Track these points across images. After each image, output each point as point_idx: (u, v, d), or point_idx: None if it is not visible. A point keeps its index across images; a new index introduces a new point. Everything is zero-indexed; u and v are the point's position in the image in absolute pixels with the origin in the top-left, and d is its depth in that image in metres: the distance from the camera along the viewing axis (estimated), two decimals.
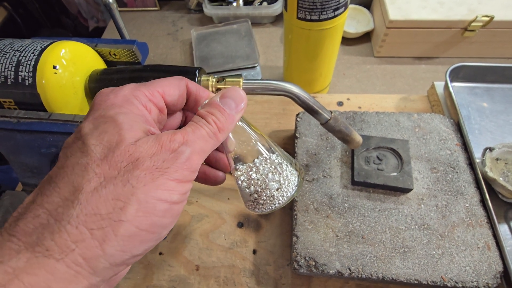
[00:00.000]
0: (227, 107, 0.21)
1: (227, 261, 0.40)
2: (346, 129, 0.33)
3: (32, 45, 0.30)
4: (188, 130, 0.19)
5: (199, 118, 0.20)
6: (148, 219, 0.16)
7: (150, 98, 0.20)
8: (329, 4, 0.39)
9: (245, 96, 0.21)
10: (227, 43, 0.64)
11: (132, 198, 0.16)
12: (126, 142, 0.17)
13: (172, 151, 0.17)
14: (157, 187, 0.16)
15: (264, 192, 0.23)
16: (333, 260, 0.34)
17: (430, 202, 0.37)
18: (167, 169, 0.17)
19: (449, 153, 0.40)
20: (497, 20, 0.52)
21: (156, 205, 0.16)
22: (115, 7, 0.40)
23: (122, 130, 0.17)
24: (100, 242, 0.15)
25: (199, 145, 0.18)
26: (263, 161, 0.24)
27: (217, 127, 0.20)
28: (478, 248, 0.34)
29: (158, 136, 0.18)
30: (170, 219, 0.18)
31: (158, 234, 0.18)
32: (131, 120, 0.18)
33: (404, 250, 0.34)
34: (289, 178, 0.24)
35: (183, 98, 0.23)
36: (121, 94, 0.19)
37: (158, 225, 0.17)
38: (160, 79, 0.22)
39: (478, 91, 0.48)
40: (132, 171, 0.16)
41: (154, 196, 0.16)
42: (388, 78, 0.59)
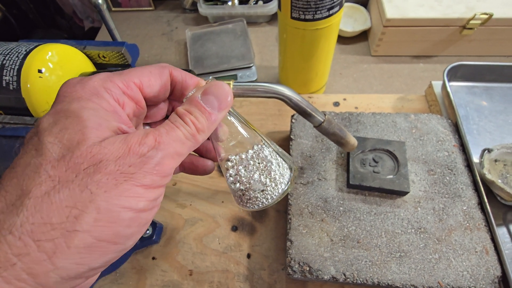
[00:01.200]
0: (209, 105, 0.18)
1: (221, 265, 0.40)
2: (340, 131, 0.33)
3: (17, 48, 0.29)
4: (162, 131, 0.17)
5: (176, 118, 0.18)
6: (109, 229, 0.15)
7: (124, 91, 0.18)
8: (323, 3, 0.38)
9: (230, 92, 0.19)
10: (222, 43, 0.63)
11: (90, 206, 0.14)
12: (89, 142, 0.15)
13: (141, 155, 0.16)
14: (120, 193, 0.15)
15: (248, 192, 0.22)
16: (327, 265, 0.33)
17: (427, 205, 0.36)
18: (133, 174, 0.15)
19: (446, 154, 0.39)
20: (496, 17, 0.51)
21: (120, 214, 0.15)
22: (105, 8, 0.39)
23: (86, 128, 0.16)
24: (49, 255, 0.14)
25: (174, 148, 0.17)
26: (252, 158, 0.23)
27: (196, 128, 0.18)
28: (476, 252, 0.33)
29: (128, 137, 0.16)
30: (136, 228, 0.16)
31: (122, 245, 0.16)
32: (98, 116, 0.16)
33: (400, 255, 0.33)
34: (277, 180, 0.23)
35: (166, 88, 0.21)
36: (90, 86, 0.17)
37: (122, 236, 0.15)
38: (139, 68, 0.20)
39: (477, 91, 0.47)
40: (93, 175, 0.15)
41: (117, 203, 0.15)
42: (385, 78, 0.59)
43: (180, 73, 0.21)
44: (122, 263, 0.40)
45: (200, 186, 0.46)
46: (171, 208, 0.44)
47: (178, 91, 0.22)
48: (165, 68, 0.20)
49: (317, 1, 0.38)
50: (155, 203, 0.17)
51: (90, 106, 0.17)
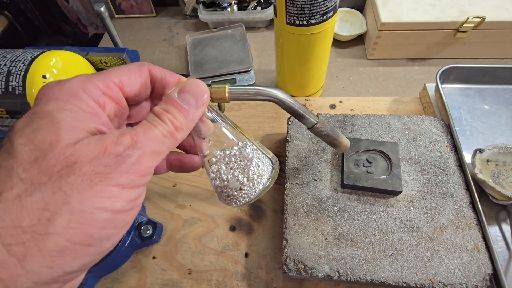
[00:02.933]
0: (186, 103, 0.18)
1: (219, 264, 0.40)
2: (333, 133, 0.34)
3: (23, 55, 0.30)
4: (138, 131, 0.17)
5: (153, 117, 0.18)
6: (83, 231, 0.14)
7: (104, 91, 0.18)
8: (317, 9, 0.39)
9: (206, 90, 0.19)
10: (221, 48, 0.65)
11: (63, 207, 0.14)
12: (62, 143, 0.15)
13: (117, 155, 0.15)
14: (95, 194, 0.14)
15: (226, 190, 0.23)
16: (322, 263, 0.34)
17: (419, 205, 0.37)
18: (109, 174, 0.15)
19: (439, 155, 0.40)
20: (488, 21, 0.52)
21: (94, 215, 0.14)
22: (107, 16, 0.41)
23: (60, 129, 0.15)
24: (19, 259, 0.13)
25: (151, 146, 0.16)
26: (234, 155, 0.23)
27: (174, 126, 0.18)
28: (467, 250, 0.34)
29: (102, 138, 0.16)
30: (112, 230, 0.16)
31: (98, 248, 0.15)
32: (74, 118, 0.16)
33: (393, 253, 0.34)
34: (255, 180, 0.23)
35: (146, 86, 0.21)
36: (67, 87, 0.17)
37: (96, 238, 0.15)
38: (118, 67, 0.19)
39: (470, 92, 0.48)
40: (67, 176, 0.14)
41: (92, 204, 0.14)
42: (381, 80, 0.60)
43: (159, 70, 0.21)
44: (123, 262, 0.41)
45: (200, 187, 0.47)
46: (171, 209, 0.45)
47: (159, 89, 0.21)
48: (143, 66, 0.20)
49: (311, 7, 0.39)
50: (134, 204, 0.17)
51: (68, 107, 0.16)
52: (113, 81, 0.19)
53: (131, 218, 0.17)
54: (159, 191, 0.47)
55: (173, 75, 0.22)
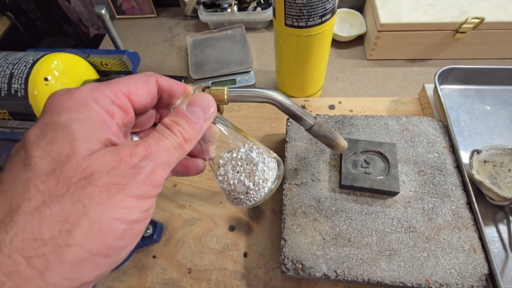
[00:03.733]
0: (194, 116, 0.19)
1: (219, 264, 0.41)
2: (330, 134, 0.34)
3: (25, 57, 0.31)
4: (151, 142, 0.17)
5: (164, 129, 0.18)
6: (102, 242, 0.15)
7: (113, 100, 0.18)
8: (315, 11, 0.40)
9: (213, 103, 0.20)
10: (221, 48, 0.65)
11: (83, 219, 0.14)
12: (79, 155, 0.15)
13: (133, 166, 0.16)
14: (113, 205, 0.15)
15: (233, 193, 0.24)
16: (319, 263, 0.34)
17: (416, 205, 0.37)
18: (126, 185, 0.15)
19: (436, 155, 0.40)
20: (488, 21, 0.52)
21: (113, 226, 0.15)
22: (107, 18, 0.41)
23: (75, 141, 0.15)
24: (40, 272, 0.13)
25: (163, 158, 0.17)
26: (241, 159, 0.24)
27: (183, 138, 0.18)
28: (464, 251, 0.34)
29: (118, 149, 0.16)
30: (128, 240, 0.16)
31: (115, 258, 0.16)
32: (87, 128, 0.16)
33: (390, 253, 0.34)
34: (260, 185, 0.24)
35: (153, 95, 0.21)
36: (77, 96, 0.17)
37: (114, 248, 0.15)
38: (126, 77, 0.20)
39: (469, 93, 0.48)
40: (85, 188, 0.14)
41: (110, 215, 0.15)
42: (380, 81, 0.60)
43: (167, 80, 0.21)
44: (124, 261, 0.42)
45: (200, 188, 0.48)
46: (171, 209, 0.46)
47: (166, 98, 0.22)
48: (151, 77, 0.21)
49: (310, 9, 0.39)
50: (147, 214, 0.17)
51: (79, 117, 0.16)
52: (121, 90, 0.19)
53: (144, 228, 0.17)
54: (160, 191, 0.48)
55: (179, 84, 0.22)
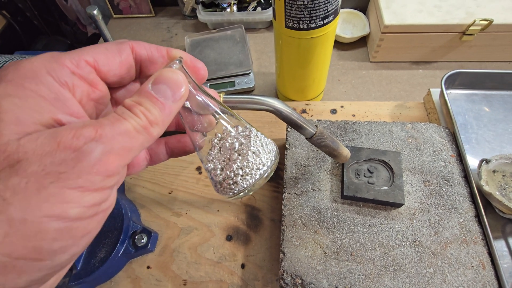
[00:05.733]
0: (161, 95, 0.16)
1: (215, 275, 0.39)
2: (332, 143, 0.32)
3: (10, 61, 0.29)
4: (104, 123, 0.14)
5: (124, 110, 0.15)
6: (26, 245, 0.12)
7: (73, 71, 0.16)
8: (317, 13, 0.38)
9: (184, 81, 0.17)
10: (220, 49, 0.64)
11: (0, 217, 0.12)
12: (2, 139, 0.12)
13: (75, 149, 0.13)
14: (44, 199, 0.12)
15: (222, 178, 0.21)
16: (320, 278, 0.33)
17: (422, 217, 0.35)
18: (63, 174, 0.12)
19: (443, 165, 0.39)
20: (496, 23, 0.50)
21: (42, 225, 0.12)
22: (100, 19, 0.39)
23: (1, 121, 0.13)
24: None
25: (120, 142, 0.14)
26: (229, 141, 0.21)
27: (148, 121, 0.15)
28: (472, 267, 0.32)
29: (57, 130, 0.13)
30: (69, 240, 0.13)
31: (52, 262, 0.13)
32: (24, 107, 0.13)
33: (394, 268, 0.33)
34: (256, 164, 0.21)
35: (128, 65, 0.18)
36: (26, 68, 0.14)
37: (47, 251, 0.13)
38: (93, 45, 0.17)
39: (476, 98, 0.46)
40: (7, 178, 0.12)
41: (37, 212, 0.12)
42: (384, 84, 0.58)
43: (145, 46, 0.18)
44: (116, 272, 0.40)
45: (196, 195, 0.46)
46: (167, 217, 0.44)
47: (147, 68, 0.19)
48: (124, 44, 0.18)
49: (311, 11, 0.38)
50: (98, 209, 0.14)
51: (19, 93, 0.14)
52: (85, 59, 0.16)
53: (96, 226, 0.14)
54: (155, 198, 0.46)
55: (160, 49, 0.19)
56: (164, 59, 0.19)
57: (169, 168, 0.48)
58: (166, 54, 0.19)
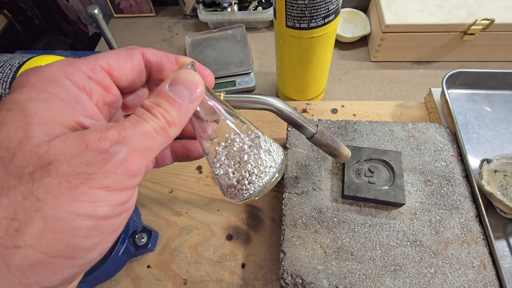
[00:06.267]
0: (178, 96, 0.16)
1: (215, 275, 0.39)
2: (333, 143, 0.32)
3: (10, 61, 0.29)
4: (126, 125, 0.15)
5: (143, 111, 0.16)
6: (61, 242, 0.12)
7: (89, 76, 0.16)
8: (318, 12, 0.38)
9: (200, 81, 0.17)
10: (221, 49, 0.64)
11: (36, 215, 0.12)
12: (34, 141, 0.13)
13: (101, 152, 0.13)
14: (75, 198, 0.12)
15: (232, 182, 0.21)
16: (320, 278, 0.33)
17: (423, 217, 0.35)
18: (92, 175, 0.13)
19: (444, 164, 0.38)
20: (497, 23, 0.50)
21: (74, 223, 0.13)
22: (101, 18, 0.39)
23: (30, 124, 0.13)
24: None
25: (142, 142, 0.15)
26: (238, 146, 0.21)
27: (167, 122, 0.16)
28: (473, 267, 0.32)
29: (84, 133, 0.14)
30: (98, 238, 0.14)
31: (82, 259, 0.14)
32: (49, 109, 0.14)
33: (395, 268, 0.33)
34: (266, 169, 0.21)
35: (139, 70, 0.19)
36: (46, 72, 0.15)
37: (79, 248, 0.13)
38: (105, 51, 0.17)
39: (478, 98, 0.46)
40: (41, 179, 0.12)
41: (70, 210, 0.12)
42: (385, 84, 0.58)
43: (154, 53, 0.19)
44: (117, 271, 0.40)
45: (197, 194, 0.46)
46: (167, 216, 0.44)
47: (156, 74, 0.19)
48: (135, 50, 0.18)
49: (312, 10, 0.38)
50: (124, 208, 0.15)
51: (42, 96, 0.14)
52: (100, 64, 0.17)
53: (121, 223, 0.15)
54: (155, 197, 0.46)
55: (169, 56, 0.19)
56: (172, 65, 0.20)
57: (170, 168, 0.48)
58: (174, 61, 0.20)
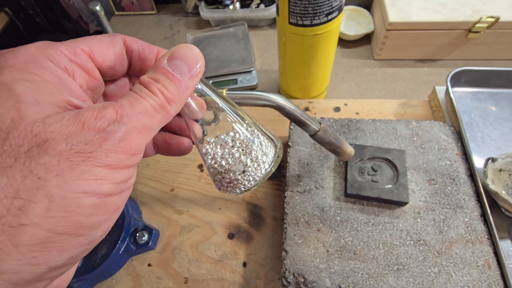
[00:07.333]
0: (178, 71, 0.16)
1: (217, 274, 0.39)
2: (336, 140, 0.32)
3: None
4: (124, 103, 0.14)
5: (141, 87, 0.15)
6: (68, 219, 0.12)
7: (71, 58, 0.15)
8: (321, 9, 0.37)
9: (200, 56, 0.17)
10: (223, 47, 0.63)
11: (39, 193, 0.12)
12: (27, 119, 0.13)
13: (99, 130, 0.13)
14: (78, 176, 0.12)
15: (228, 175, 0.21)
16: (323, 277, 0.32)
17: (427, 216, 0.35)
18: (92, 153, 0.13)
19: (448, 163, 0.38)
20: (502, 21, 0.49)
21: (80, 200, 0.13)
22: (102, 15, 0.39)
23: (21, 103, 0.13)
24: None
25: (140, 121, 0.14)
26: (231, 136, 0.21)
27: (166, 98, 0.15)
28: (478, 267, 0.32)
29: (80, 112, 0.13)
30: (103, 216, 0.14)
31: (88, 237, 0.14)
32: (36, 89, 0.14)
33: (398, 268, 0.32)
34: (259, 160, 0.21)
35: (121, 57, 0.18)
36: (24, 53, 0.14)
37: (85, 226, 0.13)
38: (87, 36, 0.17)
39: (482, 96, 0.46)
40: (38, 157, 0.12)
41: (74, 188, 0.12)
42: (388, 82, 0.57)
43: (136, 41, 0.19)
44: (117, 269, 0.40)
45: (198, 192, 0.46)
46: (168, 214, 0.44)
47: (136, 62, 0.19)
48: (116, 36, 0.18)
49: (315, 7, 0.37)
50: (125, 186, 0.15)
51: (25, 77, 0.14)
52: (81, 47, 0.16)
53: (123, 202, 0.15)
54: (156, 196, 0.46)
55: (152, 47, 0.19)
56: (153, 56, 0.19)
57: (171, 166, 0.48)
58: (156, 51, 0.19)
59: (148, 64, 0.19)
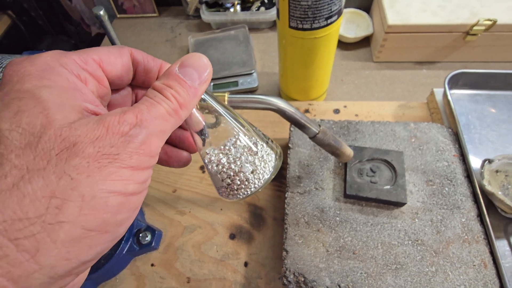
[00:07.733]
0: (188, 78, 0.17)
1: (219, 273, 0.40)
2: (335, 142, 0.33)
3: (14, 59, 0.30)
4: (142, 108, 0.15)
5: (155, 93, 0.16)
6: (97, 217, 0.13)
7: (83, 67, 0.17)
8: (321, 12, 0.38)
9: (209, 64, 0.18)
10: (224, 49, 0.64)
11: (73, 193, 0.13)
12: (55, 124, 0.13)
13: (122, 134, 0.14)
14: (106, 177, 0.13)
15: (238, 176, 0.21)
16: (322, 276, 0.33)
17: (424, 217, 0.36)
18: (118, 156, 0.14)
19: (446, 164, 0.39)
20: (500, 23, 0.50)
21: (108, 199, 0.14)
22: (106, 19, 0.40)
23: (48, 109, 0.14)
24: (32, 254, 0.12)
25: (157, 125, 0.15)
26: (236, 141, 0.21)
27: (178, 103, 0.16)
28: (474, 266, 0.32)
29: (103, 117, 0.14)
30: (127, 214, 0.15)
31: (114, 234, 0.15)
32: (58, 95, 0.14)
33: (396, 267, 0.33)
34: (265, 159, 0.21)
35: (128, 68, 0.19)
36: (40, 61, 0.15)
37: (111, 223, 0.14)
38: (95, 47, 0.18)
39: (480, 99, 0.46)
40: (69, 159, 0.13)
41: (103, 188, 0.13)
42: (387, 84, 0.58)
43: (141, 54, 0.20)
44: (121, 269, 0.41)
45: (200, 193, 0.46)
46: (171, 215, 0.45)
47: (141, 73, 0.20)
48: (124, 48, 0.19)
49: (315, 11, 0.38)
50: (144, 186, 0.16)
51: (46, 84, 0.14)
52: (92, 57, 0.17)
53: (141, 201, 0.16)
54: (159, 197, 0.47)
55: (156, 60, 0.20)
56: (157, 68, 0.20)
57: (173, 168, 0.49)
58: (160, 64, 0.20)
59: (151, 76, 0.20)
